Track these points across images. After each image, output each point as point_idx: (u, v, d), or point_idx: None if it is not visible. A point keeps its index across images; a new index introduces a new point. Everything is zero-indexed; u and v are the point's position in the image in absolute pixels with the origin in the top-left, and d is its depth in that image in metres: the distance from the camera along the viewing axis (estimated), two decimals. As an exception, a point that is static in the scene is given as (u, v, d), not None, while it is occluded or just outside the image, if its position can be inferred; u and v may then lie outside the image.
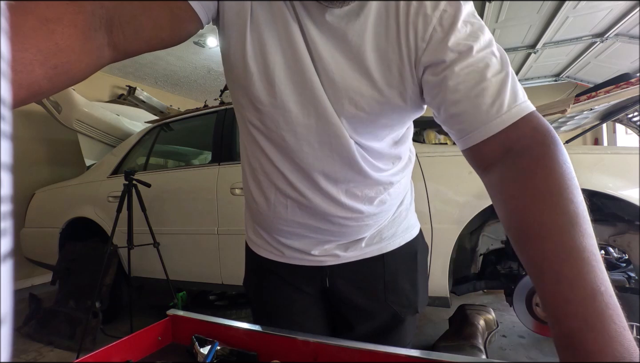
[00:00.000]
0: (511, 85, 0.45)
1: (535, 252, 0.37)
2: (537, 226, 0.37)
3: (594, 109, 1.79)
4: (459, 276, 1.92)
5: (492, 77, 0.45)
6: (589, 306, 0.32)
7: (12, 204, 0.11)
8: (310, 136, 0.56)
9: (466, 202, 1.63)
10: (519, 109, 0.44)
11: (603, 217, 1.74)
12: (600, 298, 0.32)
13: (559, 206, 0.37)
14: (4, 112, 0.11)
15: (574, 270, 0.33)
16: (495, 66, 0.45)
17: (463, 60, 0.46)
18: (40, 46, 0.37)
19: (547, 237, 0.36)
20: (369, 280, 0.68)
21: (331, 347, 0.51)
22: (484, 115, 0.45)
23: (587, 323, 0.31)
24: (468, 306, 2.04)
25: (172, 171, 2.59)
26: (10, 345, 0.11)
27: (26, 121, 3.62)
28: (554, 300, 0.34)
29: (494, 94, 0.44)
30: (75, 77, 0.42)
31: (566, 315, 0.32)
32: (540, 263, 0.36)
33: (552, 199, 0.38)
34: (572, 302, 0.32)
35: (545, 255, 0.35)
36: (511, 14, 3.61)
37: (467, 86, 0.46)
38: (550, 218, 0.37)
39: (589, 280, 0.33)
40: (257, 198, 0.66)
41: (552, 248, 0.35)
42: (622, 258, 2.29)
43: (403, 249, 0.69)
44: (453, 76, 0.46)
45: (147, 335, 0.60)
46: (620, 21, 3.63)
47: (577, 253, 0.34)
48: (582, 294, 0.32)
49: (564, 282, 0.33)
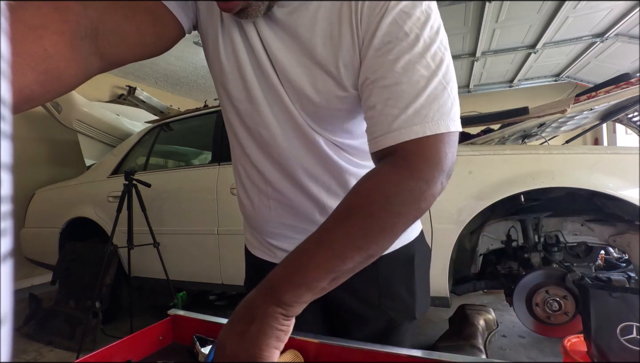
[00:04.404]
0: (426, 101, 0.44)
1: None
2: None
3: (594, 109, 1.79)
4: (459, 276, 1.92)
5: (409, 88, 0.44)
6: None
7: (12, 204, 0.11)
8: (283, 132, 0.57)
9: (466, 202, 1.63)
10: (412, 131, 0.43)
11: (603, 217, 1.75)
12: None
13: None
14: (4, 112, 0.11)
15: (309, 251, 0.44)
16: (414, 77, 0.44)
17: (380, 57, 0.45)
18: (30, 51, 0.38)
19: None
20: (363, 285, 0.65)
21: (331, 347, 0.51)
22: (387, 125, 0.45)
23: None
24: (468, 306, 2.04)
25: (172, 171, 2.59)
26: (10, 345, 0.11)
27: (26, 121, 3.62)
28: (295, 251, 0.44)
29: (400, 107, 0.44)
30: (66, 84, 0.43)
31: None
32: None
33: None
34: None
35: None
36: (511, 14, 3.61)
37: (374, 89, 0.46)
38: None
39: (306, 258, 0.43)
40: (244, 200, 0.68)
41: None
42: (622, 258, 2.30)
43: (398, 253, 0.66)
44: (372, 77, 0.46)
45: (148, 335, 0.60)
46: (620, 21, 3.63)
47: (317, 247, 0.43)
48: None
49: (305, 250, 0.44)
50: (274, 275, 0.44)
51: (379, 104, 0.46)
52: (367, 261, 0.44)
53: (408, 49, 0.44)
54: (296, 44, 0.51)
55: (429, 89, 0.44)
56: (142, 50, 0.52)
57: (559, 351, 1.46)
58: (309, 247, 0.44)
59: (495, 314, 2.04)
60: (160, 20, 0.52)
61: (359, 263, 0.44)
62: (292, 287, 0.42)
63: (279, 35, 0.52)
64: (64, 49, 0.41)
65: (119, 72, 4.57)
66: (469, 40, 4.28)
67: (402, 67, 0.44)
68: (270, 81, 0.54)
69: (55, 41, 0.40)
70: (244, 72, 0.55)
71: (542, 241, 1.84)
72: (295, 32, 0.51)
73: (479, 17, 3.69)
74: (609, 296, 1.29)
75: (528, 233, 1.83)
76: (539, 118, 1.75)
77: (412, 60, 0.44)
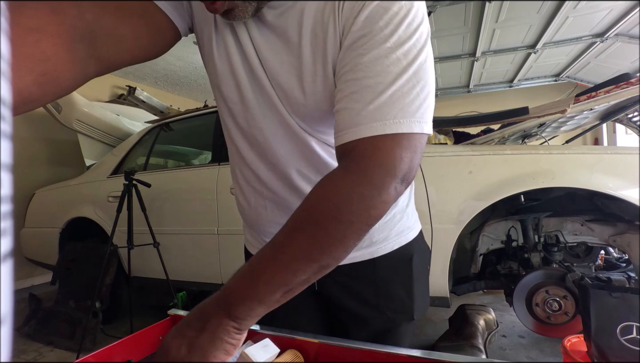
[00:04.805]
0: (390, 100, 0.42)
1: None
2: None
3: (594, 109, 1.79)
4: (459, 276, 1.92)
5: (375, 83, 0.43)
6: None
7: (12, 204, 0.11)
8: (275, 133, 0.57)
9: (466, 202, 1.63)
10: (359, 130, 0.42)
11: (603, 217, 1.75)
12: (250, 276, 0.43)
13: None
14: (4, 112, 0.11)
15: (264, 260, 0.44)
16: (381, 72, 0.43)
17: (352, 50, 0.44)
18: (27, 53, 0.38)
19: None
20: (360, 285, 0.66)
21: (331, 347, 0.51)
22: (348, 120, 0.44)
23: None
24: (468, 306, 2.04)
25: (172, 171, 2.59)
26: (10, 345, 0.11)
27: (26, 121, 3.62)
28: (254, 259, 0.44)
29: (364, 101, 0.43)
30: (64, 86, 0.43)
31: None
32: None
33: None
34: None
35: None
36: (511, 14, 3.61)
37: (343, 83, 0.45)
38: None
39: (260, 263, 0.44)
40: (241, 201, 0.68)
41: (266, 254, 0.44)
42: (622, 258, 2.29)
43: (396, 253, 0.65)
44: (344, 71, 0.45)
45: (149, 335, 0.60)
46: (620, 21, 3.63)
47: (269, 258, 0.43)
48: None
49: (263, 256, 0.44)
50: (229, 287, 0.44)
51: (345, 98, 0.45)
52: (322, 272, 0.43)
53: (379, 43, 0.43)
54: (285, 46, 0.51)
55: (395, 86, 0.42)
56: (138, 53, 0.52)
57: (559, 351, 1.46)
58: (261, 261, 0.43)
59: (495, 314, 2.04)
60: (156, 24, 0.52)
61: (313, 274, 0.43)
62: (245, 301, 0.42)
63: (269, 38, 0.52)
64: (61, 51, 0.41)
65: (119, 72, 4.57)
66: (469, 40, 4.28)
67: (370, 61, 0.43)
68: (261, 82, 0.54)
69: (53, 44, 0.40)
70: (236, 74, 0.55)
71: (542, 241, 1.84)
72: (284, 35, 0.51)
73: (479, 17, 3.69)
74: (609, 296, 1.29)
75: (528, 233, 1.83)
76: (539, 118, 1.75)
77: (381, 54, 0.43)
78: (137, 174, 2.24)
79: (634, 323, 1.23)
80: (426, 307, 0.71)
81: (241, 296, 0.42)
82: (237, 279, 0.44)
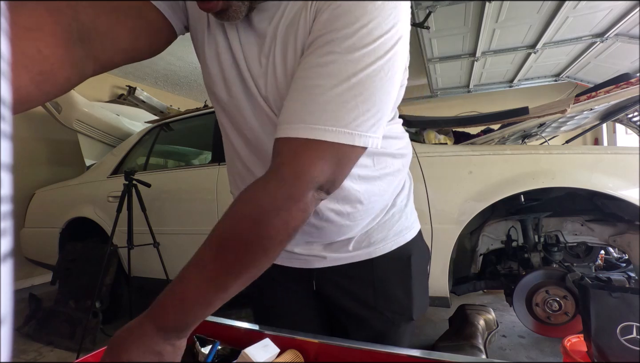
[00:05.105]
0: (337, 102, 0.41)
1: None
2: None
3: (594, 109, 1.79)
4: (459, 276, 1.92)
5: (316, 87, 0.42)
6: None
7: (12, 204, 0.11)
8: (266, 134, 0.57)
9: (466, 202, 1.63)
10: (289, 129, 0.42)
11: (603, 217, 1.75)
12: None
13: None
14: (4, 112, 0.11)
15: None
16: (322, 75, 0.42)
17: (308, 59, 0.44)
18: (24, 52, 0.38)
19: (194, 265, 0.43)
20: (358, 285, 0.65)
21: (331, 347, 0.51)
22: (283, 117, 0.44)
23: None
24: (468, 306, 2.04)
25: (172, 171, 2.59)
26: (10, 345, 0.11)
27: (26, 121, 3.62)
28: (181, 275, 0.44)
29: (299, 101, 0.43)
30: (61, 85, 0.43)
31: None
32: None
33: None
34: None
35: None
36: (511, 14, 3.61)
37: (295, 87, 0.45)
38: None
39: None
40: None
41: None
42: (622, 258, 2.30)
43: (395, 253, 0.65)
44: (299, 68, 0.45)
45: (147, 335, 0.60)
46: (620, 21, 3.63)
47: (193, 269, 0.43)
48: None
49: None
50: (158, 307, 0.43)
51: (288, 96, 0.45)
52: (250, 280, 0.44)
53: (330, 46, 0.42)
54: (261, 48, 0.51)
55: (333, 92, 0.41)
56: (134, 53, 0.52)
57: (559, 351, 1.46)
58: (189, 281, 0.43)
59: (495, 314, 2.04)
60: (152, 23, 0.52)
61: (242, 284, 0.44)
62: (178, 319, 0.42)
63: (250, 40, 0.52)
64: (58, 50, 0.41)
65: (119, 72, 4.58)
66: (469, 40, 4.28)
67: (317, 63, 0.42)
68: (247, 83, 0.54)
69: (49, 43, 0.40)
70: (226, 75, 0.55)
71: (542, 241, 1.84)
72: (262, 37, 0.51)
73: (479, 17, 3.69)
74: (609, 296, 1.29)
75: (528, 233, 1.83)
76: (539, 118, 1.75)
77: (328, 59, 0.42)
78: (137, 174, 2.24)
79: (634, 323, 1.23)
80: (425, 307, 0.71)
81: (174, 314, 0.42)
82: (166, 298, 0.43)
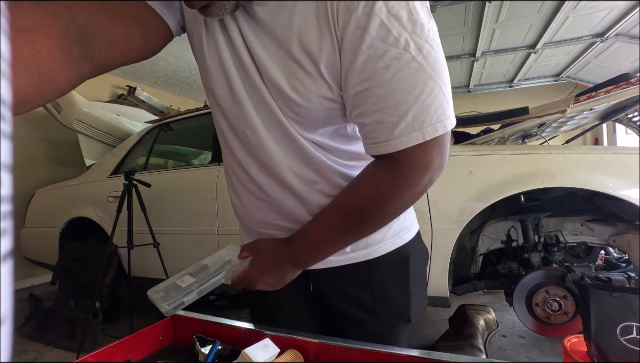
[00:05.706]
0: (421, 106, 0.44)
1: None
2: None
3: (594, 109, 1.79)
4: (459, 276, 1.92)
5: (405, 95, 0.44)
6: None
7: (12, 204, 0.11)
8: (268, 132, 0.56)
9: (466, 202, 1.63)
10: (409, 138, 0.46)
11: (603, 217, 1.75)
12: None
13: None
14: (4, 112, 0.11)
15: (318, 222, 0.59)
16: (408, 82, 0.43)
17: (371, 63, 0.44)
18: (22, 53, 0.37)
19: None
20: (355, 287, 0.65)
21: (331, 347, 0.51)
22: (386, 133, 0.47)
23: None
24: (468, 306, 2.04)
25: (172, 171, 2.59)
26: (10, 345, 0.11)
27: (26, 121, 3.62)
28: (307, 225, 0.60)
29: (399, 114, 0.45)
30: (59, 87, 0.43)
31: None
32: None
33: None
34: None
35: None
36: (511, 14, 3.62)
37: (368, 97, 0.46)
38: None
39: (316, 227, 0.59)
40: (234, 201, 0.68)
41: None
42: (622, 258, 2.30)
43: (393, 255, 0.64)
44: (356, 79, 0.46)
45: (149, 335, 0.60)
46: (620, 21, 3.64)
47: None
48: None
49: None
50: (295, 248, 0.60)
51: (376, 112, 0.46)
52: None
53: (400, 54, 0.43)
54: (275, 43, 0.50)
55: (425, 93, 0.44)
56: (131, 54, 0.52)
57: (559, 351, 1.46)
58: (320, 233, 0.58)
59: (495, 314, 2.04)
60: (149, 24, 0.52)
61: (359, 240, 0.60)
62: (309, 259, 0.60)
63: (260, 35, 0.51)
64: (55, 52, 0.41)
65: (119, 72, 4.58)
66: (469, 40, 4.28)
67: (395, 73, 0.43)
68: (252, 80, 0.53)
69: (46, 44, 0.40)
70: (227, 72, 0.54)
71: (542, 241, 1.84)
72: (273, 32, 0.50)
73: (479, 17, 3.69)
74: (609, 296, 1.29)
75: (528, 233, 1.83)
76: (539, 118, 1.75)
77: (405, 65, 0.43)
78: (137, 174, 2.24)
79: (634, 323, 1.23)
80: (423, 309, 0.70)
81: (304, 255, 0.60)
82: (303, 243, 0.59)
